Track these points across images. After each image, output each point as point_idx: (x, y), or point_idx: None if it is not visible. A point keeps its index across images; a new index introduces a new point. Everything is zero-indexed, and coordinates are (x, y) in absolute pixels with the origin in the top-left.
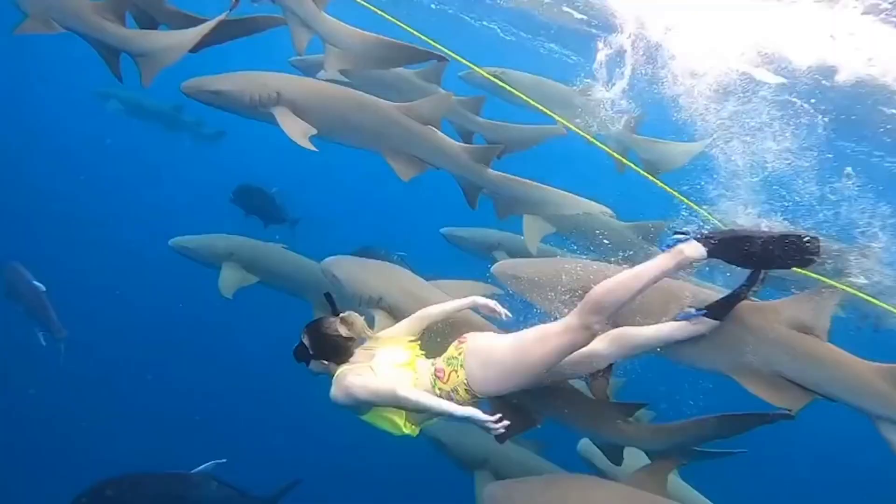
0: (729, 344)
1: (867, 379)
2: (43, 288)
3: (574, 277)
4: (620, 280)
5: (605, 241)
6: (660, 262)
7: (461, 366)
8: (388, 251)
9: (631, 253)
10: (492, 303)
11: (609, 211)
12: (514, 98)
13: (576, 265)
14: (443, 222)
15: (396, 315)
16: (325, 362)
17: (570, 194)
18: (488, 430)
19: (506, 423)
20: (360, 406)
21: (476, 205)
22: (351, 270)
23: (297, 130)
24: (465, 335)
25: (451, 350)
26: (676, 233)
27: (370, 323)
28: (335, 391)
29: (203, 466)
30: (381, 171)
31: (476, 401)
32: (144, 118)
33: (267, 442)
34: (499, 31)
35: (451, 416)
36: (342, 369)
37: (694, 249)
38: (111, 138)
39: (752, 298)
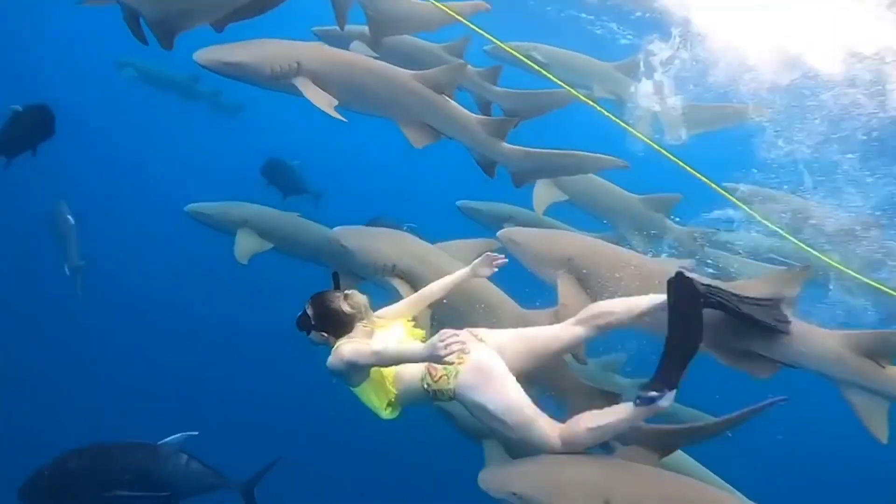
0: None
1: (829, 346)
2: (72, 221)
3: (573, 251)
4: (621, 305)
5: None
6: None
7: (456, 376)
8: (398, 221)
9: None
10: (489, 260)
11: (624, 163)
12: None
13: (575, 239)
14: (458, 196)
15: (411, 282)
16: (325, 334)
17: (585, 154)
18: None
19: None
20: (351, 375)
21: (494, 173)
22: (361, 239)
23: (324, 100)
24: (470, 345)
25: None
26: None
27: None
28: (331, 359)
29: (172, 438)
30: (397, 145)
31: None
32: (161, 87)
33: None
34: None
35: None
36: (341, 342)
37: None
38: (128, 110)
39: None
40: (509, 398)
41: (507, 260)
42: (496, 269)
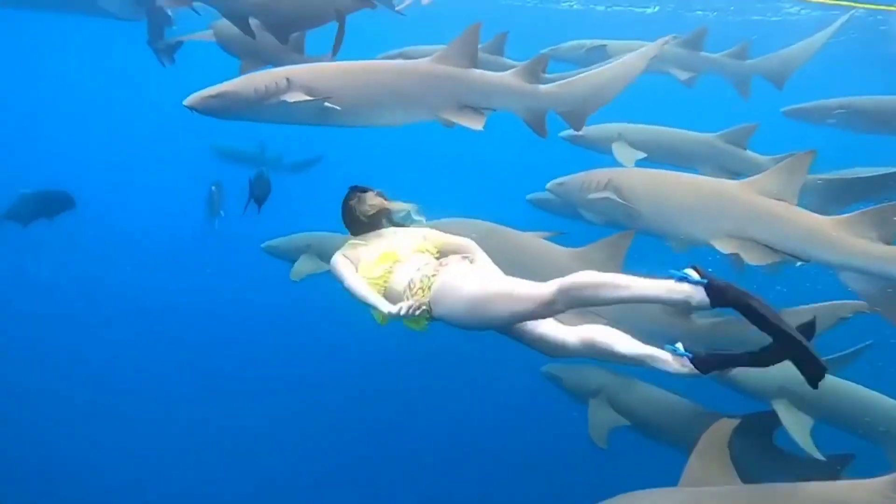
0: (709, 214)
1: (823, 230)
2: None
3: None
4: (611, 280)
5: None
6: (657, 286)
7: (429, 288)
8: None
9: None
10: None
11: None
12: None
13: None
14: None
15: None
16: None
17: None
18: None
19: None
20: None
21: (545, 131)
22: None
23: (301, 95)
24: (447, 259)
25: (430, 269)
26: (695, 269)
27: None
28: (333, 262)
29: None
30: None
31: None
32: (237, 162)
33: None
34: None
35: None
36: (351, 241)
37: (698, 296)
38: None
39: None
40: (479, 293)
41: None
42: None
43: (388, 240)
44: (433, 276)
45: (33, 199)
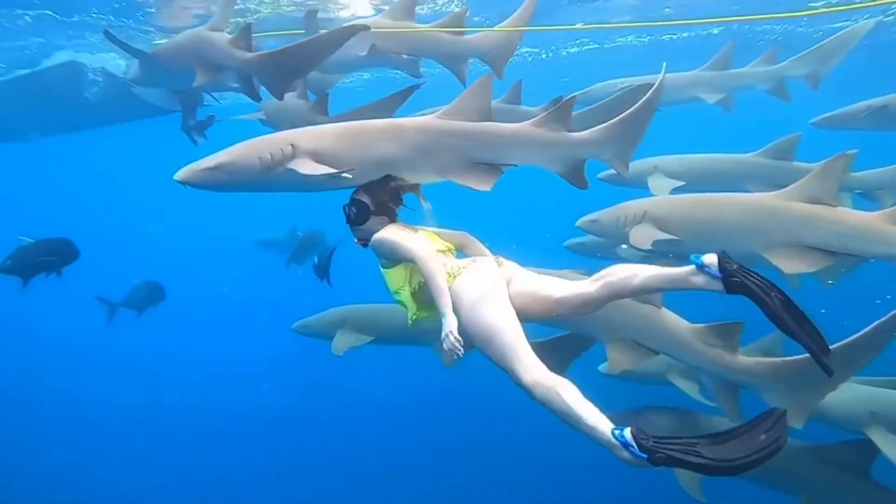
0: (755, 227)
1: (874, 225)
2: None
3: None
4: (639, 271)
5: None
6: (680, 273)
7: (455, 276)
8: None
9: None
10: None
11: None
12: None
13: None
14: None
15: None
16: (383, 219)
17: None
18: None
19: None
20: (391, 257)
21: (585, 182)
22: None
23: (318, 167)
24: (477, 263)
25: (463, 261)
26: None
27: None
28: (378, 236)
29: None
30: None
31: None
32: (275, 249)
33: None
34: None
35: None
36: (392, 226)
37: (716, 285)
38: None
39: None
40: (484, 319)
41: None
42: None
43: (418, 233)
44: (460, 271)
45: (36, 251)
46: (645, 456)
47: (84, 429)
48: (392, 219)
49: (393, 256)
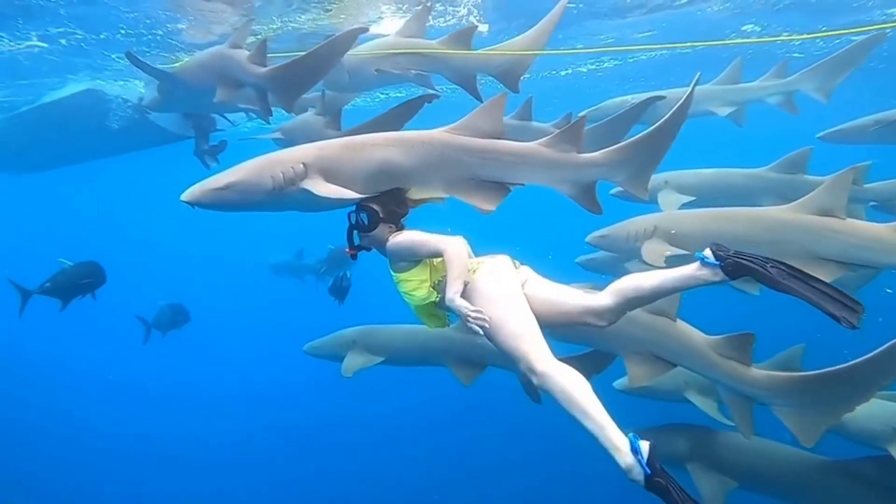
0: (768, 240)
1: (886, 236)
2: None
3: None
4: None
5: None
6: (683, 272)
7: (473, 272)
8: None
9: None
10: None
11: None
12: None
13: None
14: None
15: None
16: (391, 226)
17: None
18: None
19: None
20: (406, 259)
21: (598, 206)
22: None
23: (336, 190)
24: (498, 256)
25: (480, 258)
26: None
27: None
28: (395, 240)
29: None
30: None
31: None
32: (284, 273)
33: None
34: None
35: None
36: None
37: (718, 276)
38: None
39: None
40: (500, 310)
41: None
42: None
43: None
44: (477, 267)
45: (74, 274)
46: (649, 471)
47: (96, 453)
48: (399, 227)
49: (416, 256)
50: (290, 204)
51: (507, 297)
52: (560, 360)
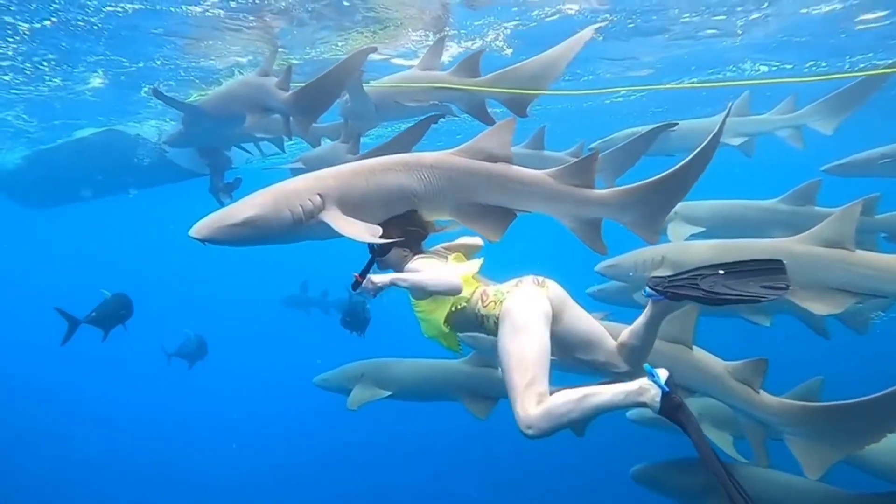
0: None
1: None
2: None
3: None
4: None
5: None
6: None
7: (501, 302)
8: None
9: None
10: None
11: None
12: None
13: None
14: None
15: None
16: (406, 252)
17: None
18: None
19: None
20: (421, 290)
21: (603, 246)
22: None
23: (362, 229)
24: (525, 279)
25: (506, 286)
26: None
27: None
28: (410, 266)
29: None
30: None
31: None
32: (296, 307)
33: None
34: None
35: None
36: (419, 258)
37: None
38: None
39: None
40: (518, 346)
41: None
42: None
43: (444, 264)
44: (506, 293)
45: (113, 305)
46: (667, 389)
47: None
48: (416, 251)
49: (421, 296)
50: (306, 236)
51: (528, 334)
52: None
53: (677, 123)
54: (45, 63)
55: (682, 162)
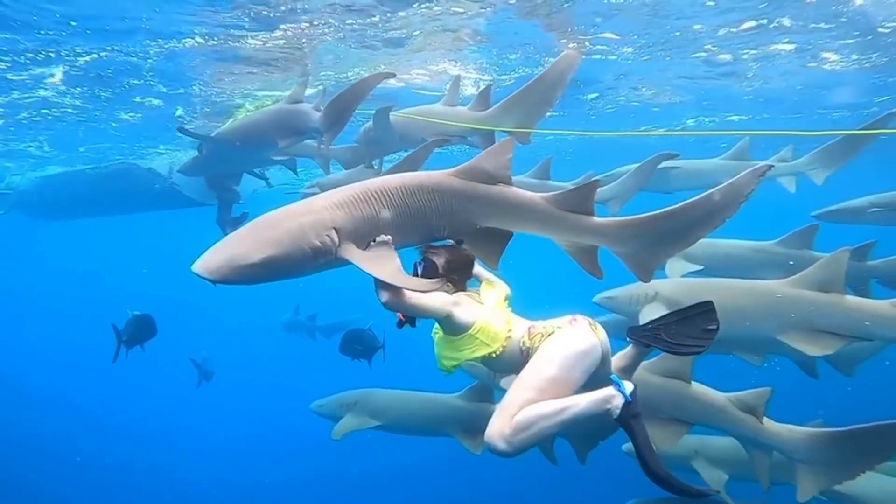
0: (770, 312)
1: (886, 312)
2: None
3: None
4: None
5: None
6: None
7: (548, 336)
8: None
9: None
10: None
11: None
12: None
13: None
14: None
15: None
16: (449, 285)
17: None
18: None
19: None
20: (459, 325)
21: (599, 271)
22: None
23: (389, 267)
24: (579, 318)
25: (557, 321)
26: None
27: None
28: (461, 314)
29: None
30: None
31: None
32: (297, 332)
33: None
34: None
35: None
36: (457, 295)
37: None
38: None
39: None
40: (554, 374)
41: None
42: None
43: (480, 301)
44: (555, 330)
45: (140, 323)
46: (630, 399)
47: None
48: (459, 287)
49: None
50: (321, 270)
51: (569, 371)
52: None
53: (678, 154)
54: None
55: (684, 203)
